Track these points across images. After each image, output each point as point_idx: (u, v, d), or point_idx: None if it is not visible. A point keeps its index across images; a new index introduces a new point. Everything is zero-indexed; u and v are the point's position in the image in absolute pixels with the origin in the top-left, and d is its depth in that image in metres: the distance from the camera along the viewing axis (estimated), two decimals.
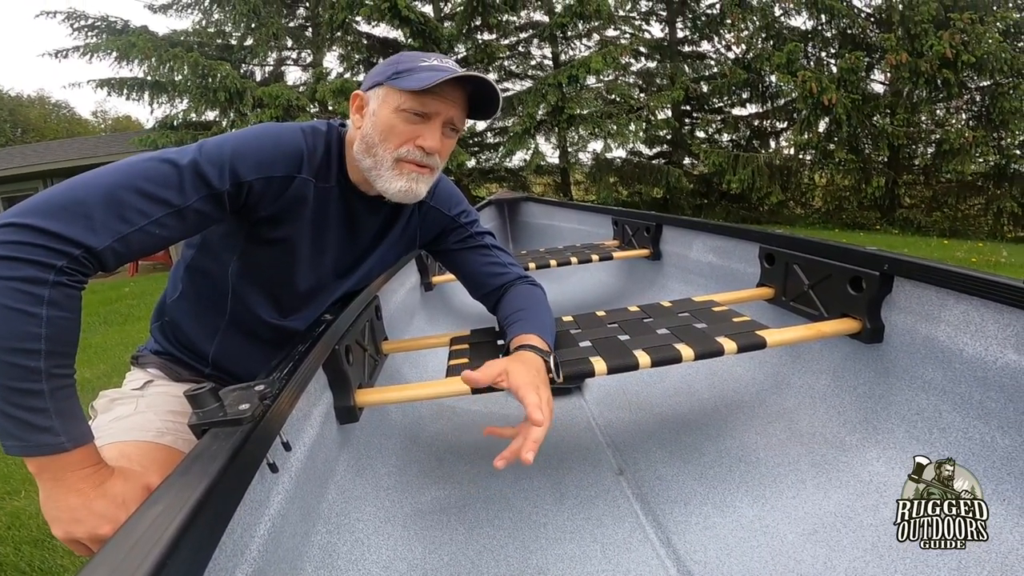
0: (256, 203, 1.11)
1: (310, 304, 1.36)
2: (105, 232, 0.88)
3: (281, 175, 1.11)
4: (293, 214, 1.16)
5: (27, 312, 0.79)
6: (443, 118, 1.16)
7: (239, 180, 1.05)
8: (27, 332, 0.79)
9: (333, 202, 1.24)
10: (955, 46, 10.64)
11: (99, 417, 1.28)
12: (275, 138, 1.12)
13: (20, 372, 0.79)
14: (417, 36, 12.01)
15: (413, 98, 1.12)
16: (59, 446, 0.82)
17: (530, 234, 5.08)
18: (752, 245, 2.07)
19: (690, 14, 15.17)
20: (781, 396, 1.75)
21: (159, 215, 0.95)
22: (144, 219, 0.93)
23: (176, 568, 0.53)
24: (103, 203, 0.89)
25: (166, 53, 11.91)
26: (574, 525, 1.44)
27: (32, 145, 19.87)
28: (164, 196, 0.96)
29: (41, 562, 2.16)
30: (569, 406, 2.07)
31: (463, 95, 1.18)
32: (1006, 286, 1.14)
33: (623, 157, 15.04)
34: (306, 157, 1.15)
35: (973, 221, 12.32)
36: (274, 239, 1.18)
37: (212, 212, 1.04)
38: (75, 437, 0.84)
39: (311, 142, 1.17)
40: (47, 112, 36.90)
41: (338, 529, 1.21)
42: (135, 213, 0.92)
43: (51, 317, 0.81)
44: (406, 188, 1.17)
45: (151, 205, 0.94)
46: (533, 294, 1.43)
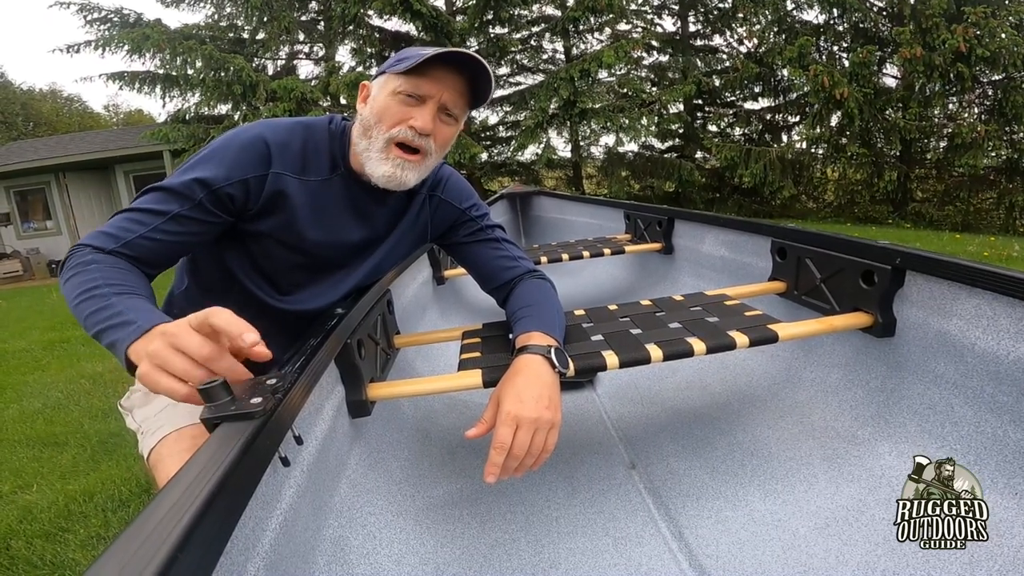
0: (243, 205, 1.17)
1: (311, 287, 1.37)
2: (113, 241, 1.05)
3: (254, 175, 1.16)
4: (276, 207, 1.20)
5: (84, 271, 0.97)
6: (437, 100, 1.17)
7: (216, 192, 1.12)
8: (88, 278, 0.95)
9: (330, 192, 1.26)
10: (968, 40, 10.54)
11: (142, 410, 1.31)
12: (237, 145, 1.17)
13: (94, 301, 0.92)
14: (429, 30, 11.98)
15: (407, 80, 1.15)
16: (139, 328, 0.87)
17: (542, 228, 5.07)
18: (764, 239, 2.06)
19: (702, 8, 15.06)
20: (793, 390, 1.75)
21: (158, 223, 1.08)
22: (143, 228, 1.07)
23: (187, 562, 0.53)
24: (116, 226, 1.07)
25: (180, 46, 11.89)
26: (586, 519, 1.44)
27: (44, 139, 19.90)
28: (158, 208, 1.09)
29: (53, 556, 2.15)
30: (581, 400, 2.07)
31: (459, 80, 1.19)
32: (1019, 280, 1.13)
33: (635, 151, 15.01)
34: (274, 153, 1.18)
35: (985, 215, 12.23)
36: (263, 231, 1.23)
37: (208, 218, 1.13)
38: (148, 320, 0.88)
39: (280, 138, 1.19)
40: (59, 106, 36.98)
41: (350, 523, 1.21)
42: (135, 224, 1.07)
43: (101, 268, 0.98)
44: (390, 174, 1.19)
45: (148, 217, 1.08)
46: (542, 288, 1.43)
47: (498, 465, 1.04)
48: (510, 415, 1.05)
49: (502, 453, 1.04)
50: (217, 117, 13.15)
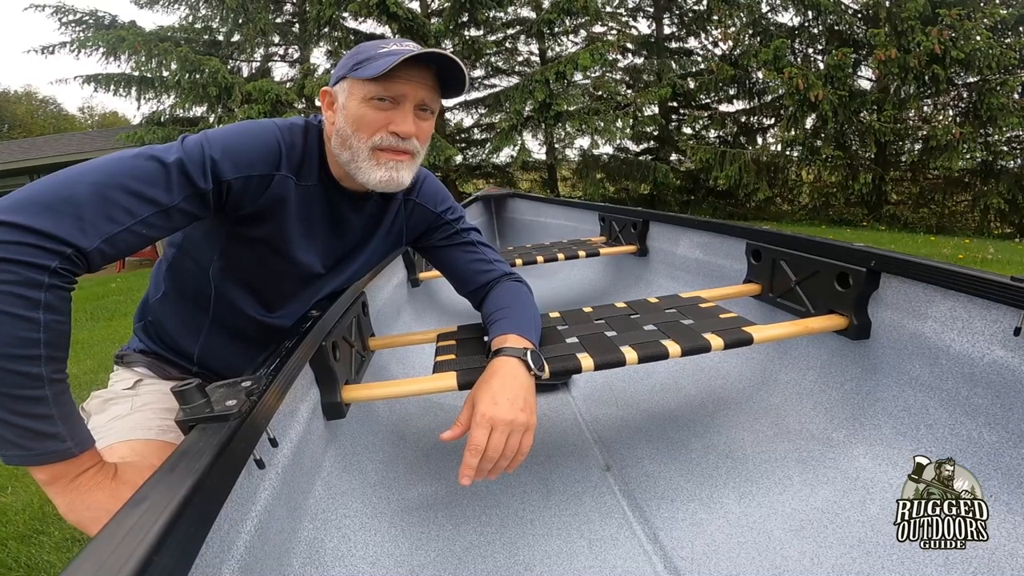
0: (237, 202, 1.10)
1: (295, 301, 1.35)
2: (94, 232, 0.85)
3: (260, 174, 1.10)
4: (274, 212, 1.16)
5: (24, 317, 0.77)
6: (412, 100, 1.14)
7: (220, 179, 1.04)
8: (26, 338, 0.77)
9: (316, 199, 1.23)
10: (943, 42, 10.70)
11: (94, 418, 1.28)
12: (252, 136, 1.11)
13: (21, 379, 0.76)
14: (405, 32, 11.95)
15: (376, 85, 1.10)
16: (67, 452, 0.82)
17: (517, 230, 5.08)
18: (739, 241, 2.07)
19: (677, 10, 15.25)
20: (768, 392, 1.75)
21: (146, 215, 0.93)
22: (131, 219, 0.91)
23: (163, 564, 0.53)
24: (92, 201, 0.86)
25: (155, 47, 11.85)
26: (561, 521, 1.44)
27: (18, 141, 19.66)
28: (152, 195, 0.94)
29: (28, 558, 2.15)
30: (556, 402, 2.07)
31: (430, 75, 1.16)
32: (993, 282, 1.14)
33: (610, 153, 15.08)
34: (284, 154, 1.14)
35: (960, 218, 12.40)
36: (255, 238, 1.17)
37: (196, 210, 1.03)
38: (80, 441, 0.84)
39: (288, 138, 1.16)
40: (34, 108, 36.73)
41: (325, 525, 1.20)
42: (123, 212, 0.90)
43: (48, 321, 0.79)
44: (387, 177, 1.16)
45: (139, 204, 0.92)
46: (518, 291, 1.43)
47: (472, 467, 1.03)
48: (485, 417, 1.05)
49: (476, 455, 1.03)
50: (192, 119, 13.08)
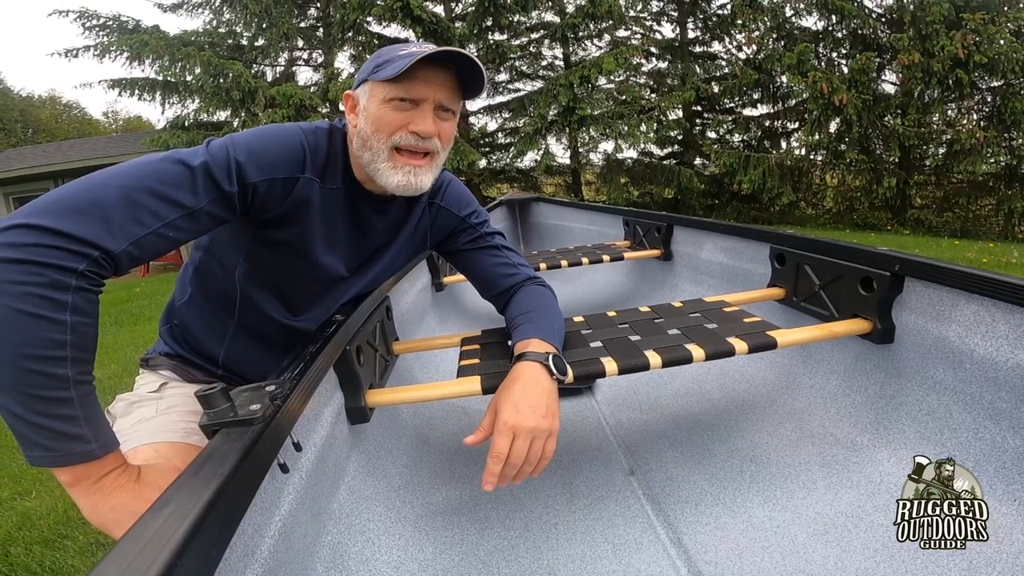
0: (262, 205, 1.10)
1: (320, 304, 1.35)
2: (122, 235, 0.86)
3: (285, 176, 1.11)
4: (299, 215, 1.16)
5: (52, 319, 0.77)
6: (432, 101, 1.14)
7: (245, 182, 1.04)
8: (53, 340, 0.77)
9: (340, 202, 1.24)
10: (967, 46, 10.56)
11: (119, 421, 1.29)
12: (277, 139, 1.12)
13: (48, 380, 0.77)
14: (429, 36, 11.97)
15: (396, 86, 1.11)
16: (91, 453, 0.82)
17: (541, 234, 5.08)
18: (763, 245, 2.06)
19: (701, 14, 15.14)
20: (792, 396, 1.74)
21: (173, 217, 0.94)
22: (158, 221, 0.92)
23: (187, 568, 0.53)
24: (120, 204, 0.87)
25: (179, 52, 11.93)
26: (585, 526, 1.43)
27: (43, 145, 19.93)
28: (178, 198, 0.95)
29: (52, 562, 2.15)
30: (580, 406, 2.07)
31: (449, 76, 1.16)
32: (1017, 286, 1.14)
33: (634, 158, 14.98)
34: (308, 157, 1.14)
35: (984, 222, 12.21)
36: (280, 240, 1.18)
37: (223, 213, 1.04)
38: (105, 443, 0.84)
39: (312, 141, 1.16)
40: (58, 112, 37.15)
41: (349, 529, 1.21)
42: (150, 215, 0.91)
43: (75, 323, 0.79)
44: (404, 182, 1.16)
45: (166, 207, 0.93)
46: (541, 295, 1.43)
47: (495, 474, 1.04)
48: (507, 424, 1.04)
49: (499, 462, 1.03)
50: (216, 123, 13.14)
